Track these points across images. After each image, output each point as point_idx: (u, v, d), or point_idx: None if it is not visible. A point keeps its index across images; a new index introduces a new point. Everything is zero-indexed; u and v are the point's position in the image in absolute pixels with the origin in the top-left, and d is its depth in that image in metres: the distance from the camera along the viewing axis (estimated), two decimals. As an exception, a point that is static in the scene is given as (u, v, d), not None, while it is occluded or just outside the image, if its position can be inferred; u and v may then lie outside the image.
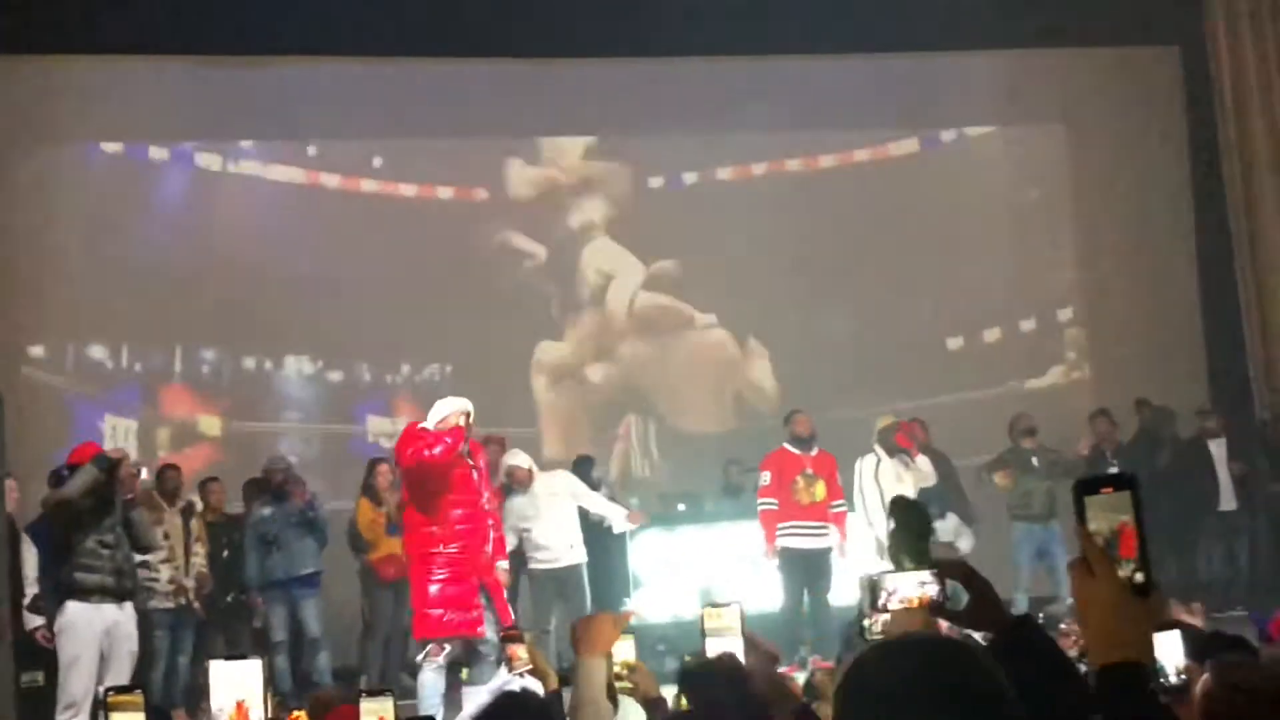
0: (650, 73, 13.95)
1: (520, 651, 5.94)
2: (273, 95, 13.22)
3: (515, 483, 10.50)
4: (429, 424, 8.65)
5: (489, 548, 8.73)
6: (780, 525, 10.69)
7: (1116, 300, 14.45)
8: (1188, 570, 12.11)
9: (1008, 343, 14.68)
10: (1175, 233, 14.48)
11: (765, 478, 10.87)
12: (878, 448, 11.04)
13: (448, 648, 8.54)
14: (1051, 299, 14.85)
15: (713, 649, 4.50)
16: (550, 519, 10.44)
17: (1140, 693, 2.12)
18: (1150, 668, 2.17)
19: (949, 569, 3.33)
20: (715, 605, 4.63)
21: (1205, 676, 3.86)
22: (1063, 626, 7.83)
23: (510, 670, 5.97)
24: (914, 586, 3.53)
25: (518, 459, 10.68)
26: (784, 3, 13.33)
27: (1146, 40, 14.55)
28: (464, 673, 10.56)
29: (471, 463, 8.66)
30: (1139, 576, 2.08)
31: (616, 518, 10.95)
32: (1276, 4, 14.00)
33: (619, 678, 4.41)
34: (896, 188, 14.38)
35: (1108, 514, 2.10)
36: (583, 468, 11.77)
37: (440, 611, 8.46)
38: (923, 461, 11.20)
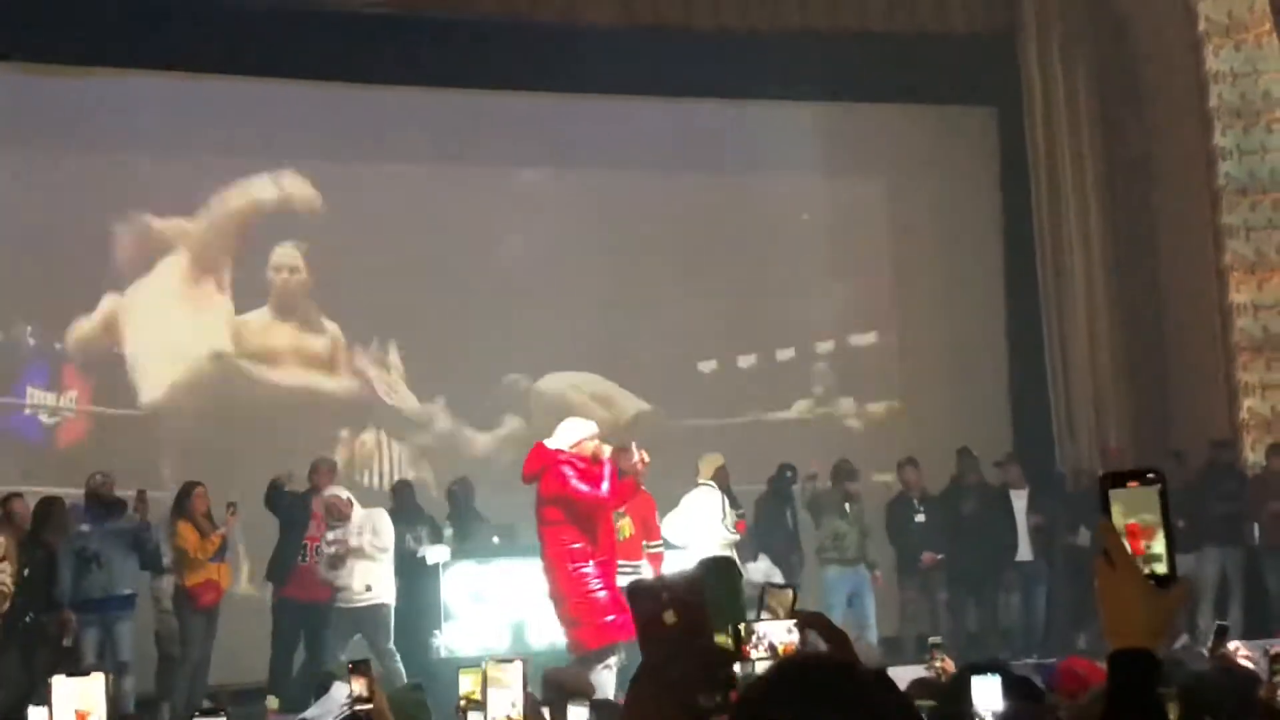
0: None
1: (361, 686, 5.69)
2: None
3: (334, 515, 10.52)
4: (561, 444, 8.81)
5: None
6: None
7: (927, 350, 14.56)
8: (987, 617, 12.35)
9: (803, 371, 14.76)
10: (986, 287, 14.75)
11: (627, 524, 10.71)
12: (712, 484, 10.85)
13: (621, 653, 8.57)
14: (858, 346, 14.89)
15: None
16: (354, 559, 10.44)
17: (1147, 680, 2.14)
18: (1159, 658, 2.17)
19: (809, 620, 3.36)
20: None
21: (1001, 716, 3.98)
22: None
23: (355, 705, 5.61)
24: (783, 634, 3.56)
25: (338, 490, 10.72)
26: (619, 46, 13.34)
27: (966, 100, 14.91)
28: (273, 700, 10.46)
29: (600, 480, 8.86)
30: (1161, 568, 2.10)
31: (430, 550, 11.04)
32: (1089, 72, 14.39)
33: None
34: (710, 225, 14.33)
35: (1130, 509, 2.11)
36: (403, 494, 11.76)
37: (613, 617, 8.50)
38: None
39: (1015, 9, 14.43)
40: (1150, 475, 2.11)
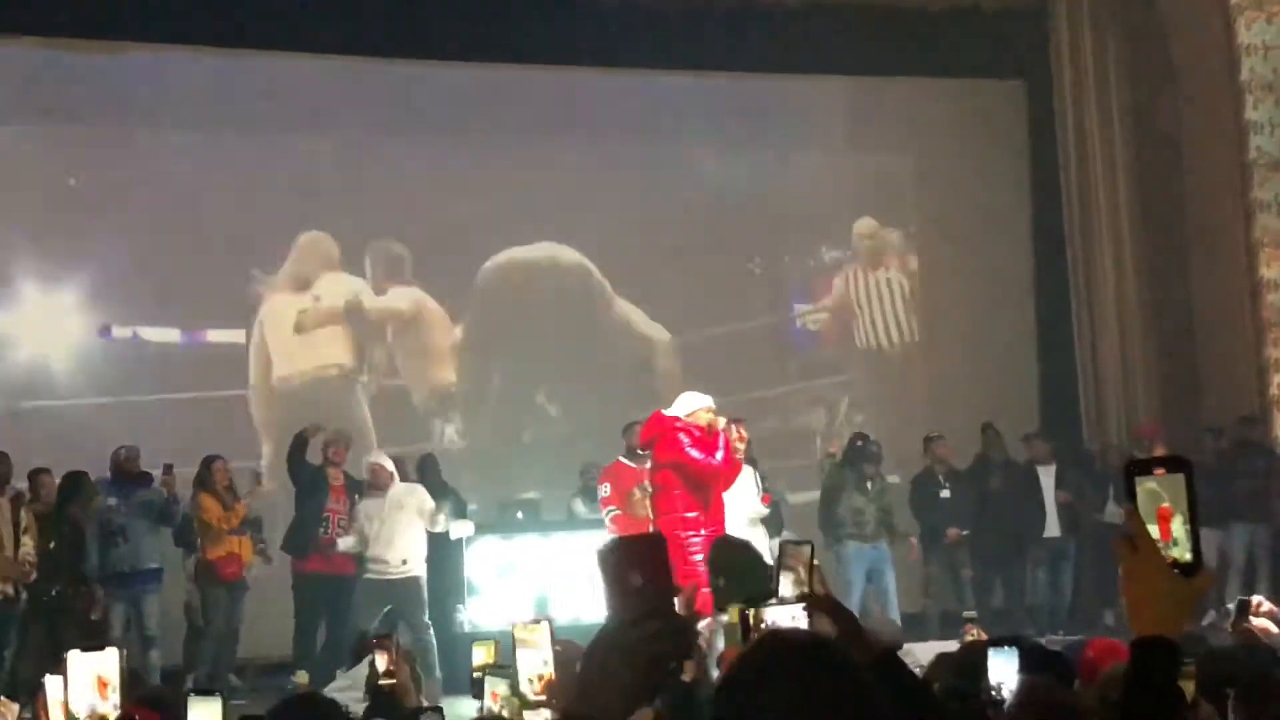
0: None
1: (384, 661, 5.88)
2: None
3: (374, 484, 10.59)
4: (677, 412, 9.14)
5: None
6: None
7: (954, 325, 14.65)
8: (1013, 594, 12.35)
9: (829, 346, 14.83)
10: (1015, 263, 14.80)
11: (605, 489, 10.72)
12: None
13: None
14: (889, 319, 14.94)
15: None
16: (393, 530, 10.46)
17: (1167, 669, 2.14)
18: (1180, 647, 2.20)
19: (817, 603, 3.49)
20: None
21: (1015, 690, 4.04)
22: None
23: (376, 676, 5.91)
24: (788, 619, 3.73)
25: (381, 459, 10.78)
26: (640, 18, 13.32)
27: (994, 74, 14.91)
28: (303, 675, 10.49)
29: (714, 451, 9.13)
30: (1185, 555, 2.11)
31: (454, 525, 11.03)
32: (1119, 46, 14.37)
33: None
34: (738, 199, 14.33)
35: (1156, 495, 2.11)
36: (428, 466, 11.76)
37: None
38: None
39: None
40: (1176, 463, 2.13)
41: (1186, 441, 12.59)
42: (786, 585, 4.35)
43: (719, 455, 9.11)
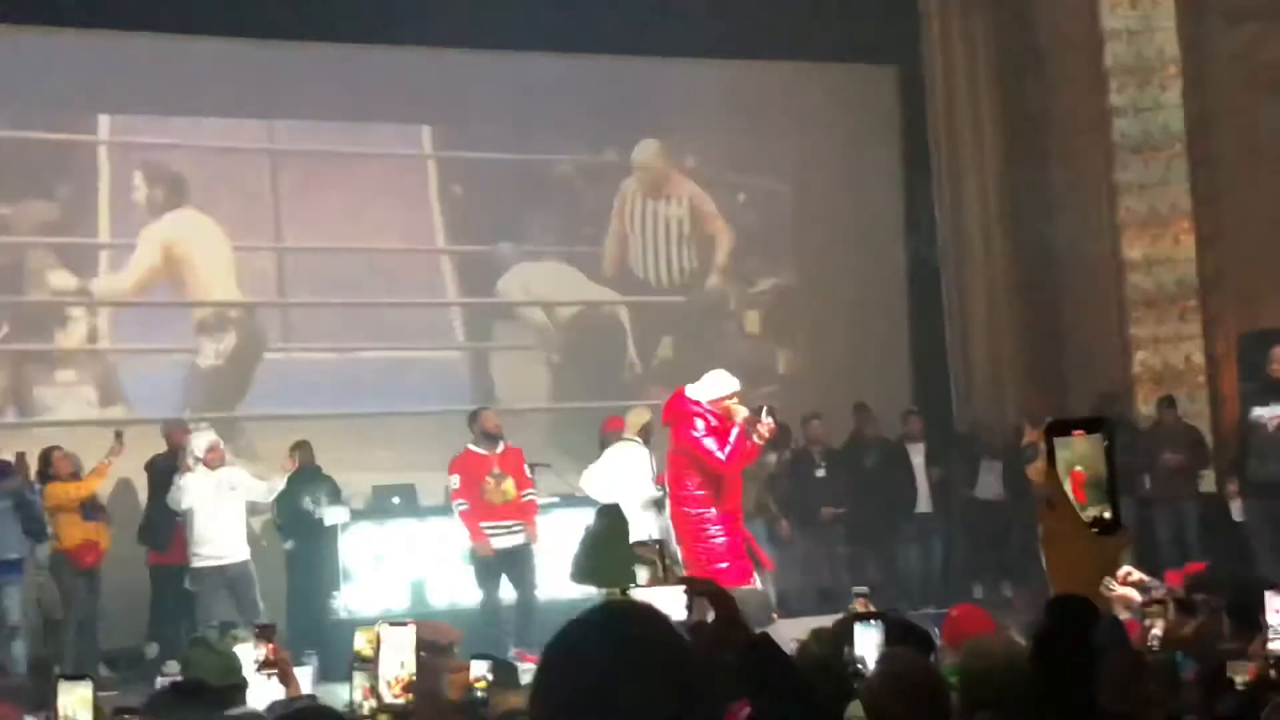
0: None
1: (266, 650, 5.88)
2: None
3: (209, 461, 10.39)
4: (700, 395, 9.09)
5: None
6: (480, 524, 10.64)
7: (828, 307, 14.67)
8: (886, 569, 12.58)
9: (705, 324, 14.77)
10: (887, 245, 14.90)
11: (454, 481, 10.74)
12: (638, 440, 10.74)
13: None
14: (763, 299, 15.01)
15: None
16: (220, 511, 10.35)
17: (1082, 626, 2.15)
18: (1097, 604, 2.22)
19: (697, 586, 3.65)
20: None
21: (877, 661, 4.21)
22: None
23: (261, 669, 5.84)
24: (671, 601, 3.79)
25: (211, 439, 10.58)
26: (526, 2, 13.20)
27: (868, 58, 14.95)
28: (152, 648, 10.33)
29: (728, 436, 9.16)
30: (1105, 513, 2.12)
31: (329, 511, 11.01)
32: (987, 31, 14.51)
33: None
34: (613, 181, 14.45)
35: (1073, 455, 2.15)
36: (304, 453, 11.56)
37: (726, 564, 8.91)
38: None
39: None
40: (1096, 423, 2.15)
41: (1054, 410, 12.27)
42: (643, 576, 4.39)
43: (725, 452, 9.02)
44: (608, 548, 8.36)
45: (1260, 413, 10.90)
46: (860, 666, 4.47)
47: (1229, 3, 13.13)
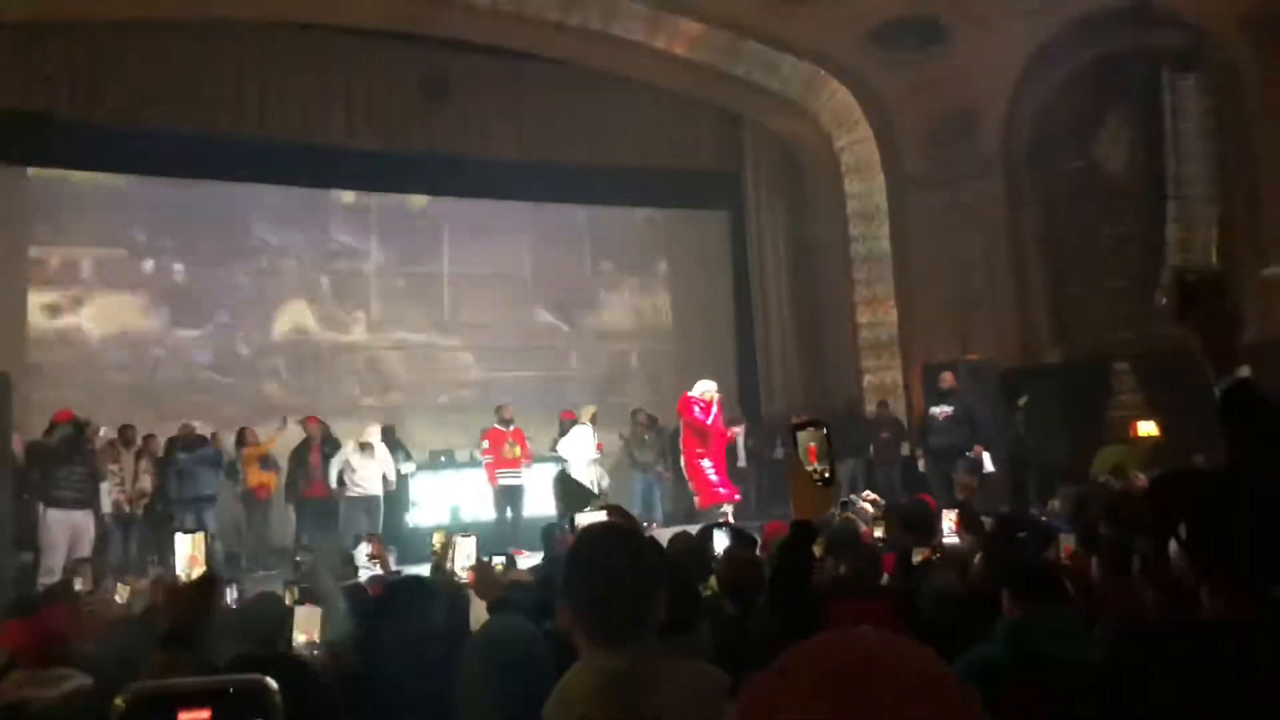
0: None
1: (374, 549, 6.03)
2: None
3: (363, 448, 10.22)
4: (695, 392, 9.69)
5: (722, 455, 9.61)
6: (496, 471, 10.65)
7: (692, 351, 14.06)
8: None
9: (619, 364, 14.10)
10: (721, 310, 14.43)
11: (485, 444, 10.77)
12: (588, 424, 10.75)
13: (727, 508, 9.36)
14: (652, 349, 14.32)
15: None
16: (371, 468, 10.22)
17: (807, 538, 2.16)
18: (816, 528, 2.18)
19: (611, 509, 3.83)
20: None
21: (723, 552, 4.12)
22: None
23: (370, 559, 5.97)
24: (598, 518, 3.88)
25: (375, 429, 10.46)
26: (506, 166, 12.54)
27: (712, 206, 14.53)
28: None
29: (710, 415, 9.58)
30: (825, 473, 2.12)
31: (404, 465, 10.96)
32: (780, 191, 14.10)
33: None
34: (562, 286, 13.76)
35: (807, 439, 2.12)
36: (390, 433, 11.33)
37: (721, 490, 9.47)
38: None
39: (740, 155, 14.26)
40: (818, 422, 2.18)
41: (820, 409, 12.20)
42: (592, 507, 4.54)
43: (710, 419, 9.63)
44: (567, 490, 8.58)
45: (934, 410, 10.79)
46: (715, 558, 4.29)
47: (916, 176, 12.77)
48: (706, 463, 9.63)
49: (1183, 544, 1.67)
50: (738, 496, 9.79)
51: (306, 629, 3.26)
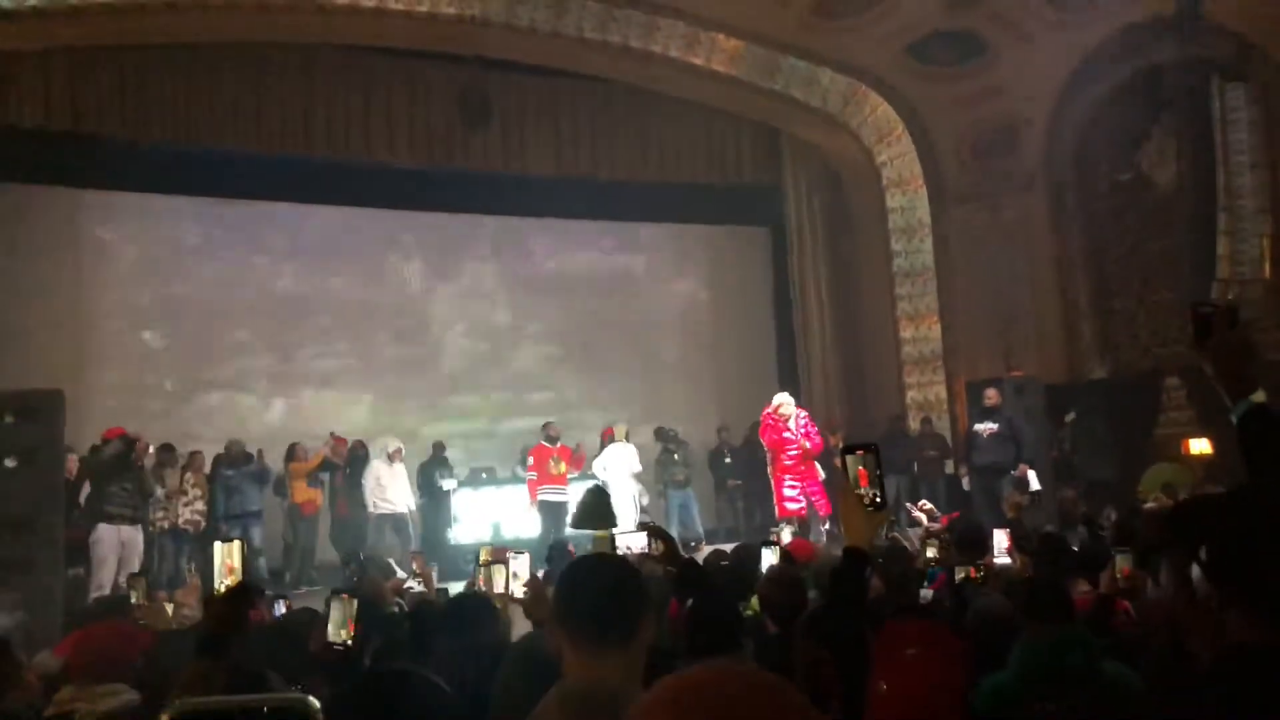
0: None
1: (418, 566, 5.99)
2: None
3: (389, 455, 10.36)
4: (771, 407, 9.69)
5: (802, 469, 9.58)
6: (539, 488, 10.64)
7: (735, 372, 14.12)
8: (768, 517, 11.40)
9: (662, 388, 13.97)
10: (763, 335, 14.50)
11: (530, 460, 10.75)
12: (627, 442, 10.83)
13: (794, 523, 9.30)
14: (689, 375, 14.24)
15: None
16: (398, 484, 10.33)
17: (861, 567, 2.18)
18: (869, 554, 2.19)
19: (652, 530, 3.56)
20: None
21: (767, 570, 4.00)
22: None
23: (413, 576, 5.94)
24: (639, 541, 3.83)
25: (397, 444, 10.49)
26: (545, 184, 12.71)
27: (752, 223, 14.60)
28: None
29: (791, 428, 9.55)
30: (875, 498, 2.13)
31: (445, 482, 11.08)
32: (821, 206, 14.00)
33: (512, 597, 4.15)
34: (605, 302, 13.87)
35: (856, 463, 2.14)
36: (438, 448, 11.46)
37: (793, 505, 9.44)
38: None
39: (781, 170, 14.14)
40: (870, 446, 2.18)
41: (862, 426, 12.75)
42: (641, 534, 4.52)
43: (785, 433, 9.52)
44: (594, 509, 8.56)
45: (979, 427, 10.64)
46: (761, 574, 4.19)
47: (956, 191, 12.69)
48: (787, 479, 9.67)
49: (1204, 567, 1.67)
50: (802, 511, 9.60)
51: (340, 621, 3.15)
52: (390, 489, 10.16)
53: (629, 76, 12.49)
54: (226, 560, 3.10)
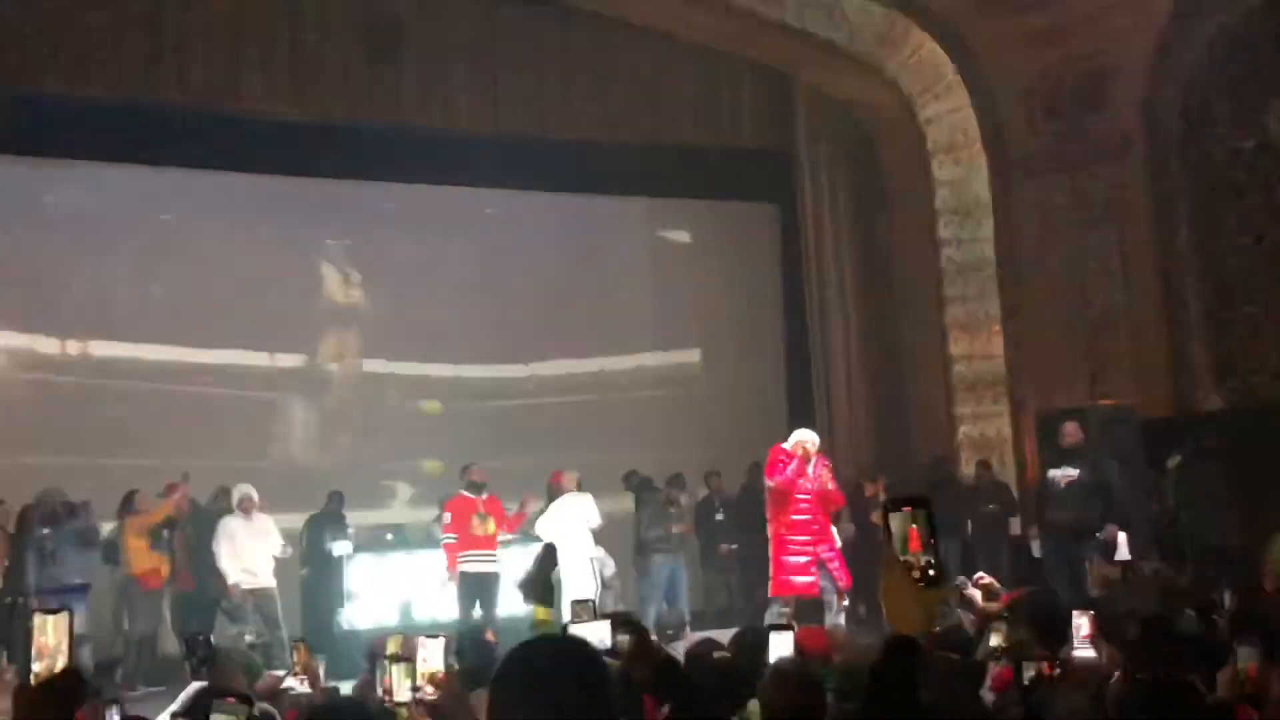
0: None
1: (299, 659, 5.94)
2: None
3: (243, 508, 10.37)
4: (788, 444, 9.37)
5: (816, 527, 9.25)
6: (460, 554, 10.50)
7: (726, 389, 14.45)
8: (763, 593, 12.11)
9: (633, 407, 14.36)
10: (771, 344, 14.69)
11: (446, 517, 10.65)
12: (579, 494, 10.80)
13: (791, 603, 9.11)
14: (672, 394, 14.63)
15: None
16: (259, 548, 10.33)
17: (910, 663, 2.18)
18: (922, 641, 2.20)
19: (618, 620, 3.82)
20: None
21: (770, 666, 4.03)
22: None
23: (294, 672, 5.90)
24: (598, 633, 3.91)
25: (250, 491, 10.50)
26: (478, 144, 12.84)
27: (754, 198, 14.76)
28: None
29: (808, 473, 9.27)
30: (929, 568, 2.15)
31: (336, 545, 11.01)
32: (846, 179, 14.32)
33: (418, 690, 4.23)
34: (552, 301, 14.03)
35: (905, 522, 2.18)
36: (335, 501, 11.50)
37: (791, 575, 9.19)
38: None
39: (793, 131, 14.25)
40: (920, 501, 2.22)
41: (898, 473, 12.75)
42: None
43: (800, 477, 9.20)
44: (539, 579, 8.48)
45: (1054, 473, 10.65)
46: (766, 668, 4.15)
47: (1026, 158, 12.88)
48: (793, 538, 9.31)
49: None
50: (813, 587, 9.27)
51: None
52: (248, 555, 10.15)
53: (591, 3, 12.60)
54: (46, 638, 3.12)
